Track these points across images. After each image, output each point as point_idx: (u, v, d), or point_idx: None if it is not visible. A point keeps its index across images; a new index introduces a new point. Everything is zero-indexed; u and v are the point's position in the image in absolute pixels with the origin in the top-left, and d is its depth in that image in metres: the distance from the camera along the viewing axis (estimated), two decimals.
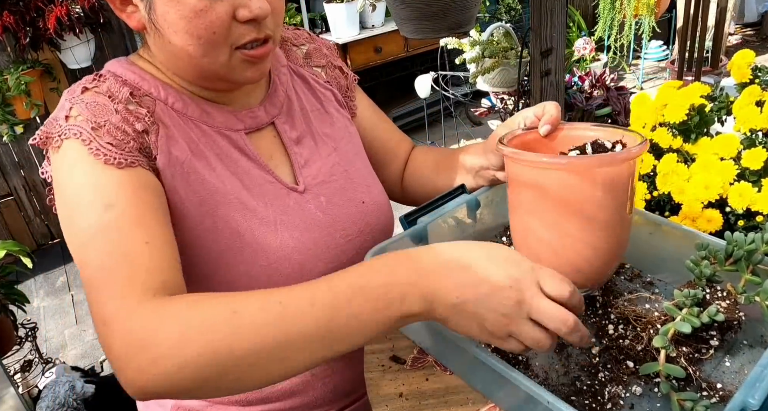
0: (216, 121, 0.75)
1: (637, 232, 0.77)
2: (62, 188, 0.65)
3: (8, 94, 2.70)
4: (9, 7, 2.52)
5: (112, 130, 0.66)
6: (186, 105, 0.74)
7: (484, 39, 1.72)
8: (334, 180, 0.82)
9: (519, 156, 0.63)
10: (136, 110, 0.69)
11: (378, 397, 0.65)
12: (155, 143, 0.69)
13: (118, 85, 0.71)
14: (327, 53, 0.93)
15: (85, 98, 0.68)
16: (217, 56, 0.68)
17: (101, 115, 0.67)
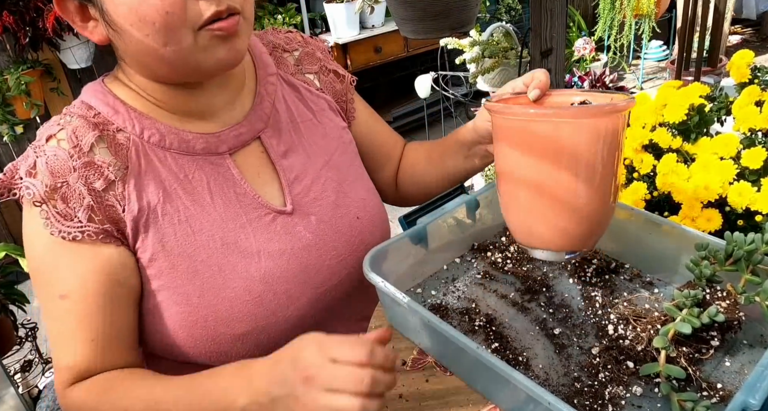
0: (197, 149, 0.72)
1: (637, 232, 0.78)
2: (27, 247, 0.69)
3: (8, 94, 2.70)
4: (9, 7, 2.52)
5: (67, 194, 0.66)
6: (162, 136, 0.71)
7: (484, 39, 1.72)
8: (326, 196, 0.79)
9: (505, 109, 0.62)
10: (100, 160, 0.67)
11: None
12: (122, 194, 0.68)
13: (85, 126, 0.68)
14: (320, 57, 0.89)
15: (47, 150, 0.67)
16: (179, 41, 0.63)
17: (59, 173, 0.66)
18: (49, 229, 0.66)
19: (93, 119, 0.70)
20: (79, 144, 0.67)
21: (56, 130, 0.69)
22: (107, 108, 0.70)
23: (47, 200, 0.66)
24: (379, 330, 0.57)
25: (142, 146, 0.70)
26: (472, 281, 0.79)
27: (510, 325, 0.71)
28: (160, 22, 0.61)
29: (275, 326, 0.73)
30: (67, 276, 0.67)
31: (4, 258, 2.05)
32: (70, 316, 0.67)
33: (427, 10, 1.25)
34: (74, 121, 0.69)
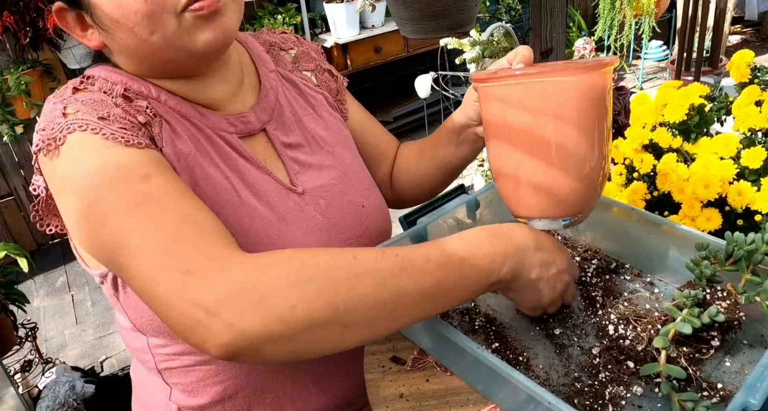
0: (209, 122, 0.73)
1: (637, 232, 0.78)
2: (74, 179, 0.58)
3: (8, 94, 2.71)
4: (9, 7, 2.52)
5: (119, 118, 0.63)
6: (180, 103, 0.71)
7: (484, 39, 1.72)
8: (332, 184, 0.80)
9: (491, 76, 0.62)
10: (135, 104, 0.67)
11: (378, 398, 0.65)
12: (159, 135, 0.67)
13: (109, 84, 0.68)
14: (315, 57, 0.91)
15: (78, 97, 0.65)
16: (164, 26, 0.62)
17: (102, 108, 0.63)
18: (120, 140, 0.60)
19: (113, 81, 0.69)
20: (111, 92, 0.67)
21: (82, 86, 0.67)
22: (122, 77, 0.70)
23: (104, 126, 0.61)
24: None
25: (162, 107, 0.70)
26: None
27: (510, 326, 0.71)
28: (141, 10, 0.61)
29: None
30: (140, 162, 0.59)
31: (4, 258, 2.05)
32: (165, 187, 0.57)
33: (426, 10, 1.25)
34: (96, 81, 0.68)
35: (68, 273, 3.04)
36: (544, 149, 0.61)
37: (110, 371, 2.29)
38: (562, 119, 0.60)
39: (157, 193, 0.56)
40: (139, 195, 0.56)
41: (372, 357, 0.70)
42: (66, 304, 2.82)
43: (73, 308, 2.78)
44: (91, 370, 2.21)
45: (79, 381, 1.95)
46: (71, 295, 2.88)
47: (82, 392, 1.91)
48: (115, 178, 0.57)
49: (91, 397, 1.92)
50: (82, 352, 2.47)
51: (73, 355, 2.46)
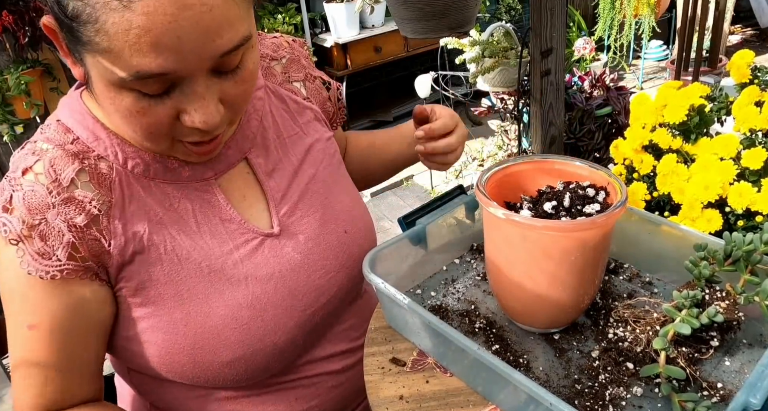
0: (182, 176, 0.70)
1: (636, 232, 0.78)
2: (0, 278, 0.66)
3: (8, 94, 2.71)
4: (8, 7, 2.53)
5: (45, 231, 0.62)
6: (147, 166, 0.68)
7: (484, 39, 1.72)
8: (312, 213, 0.78)
9: (492, 209, 0.62)
10: (81, 196, 0.64)
11: (378, 399, 0.65)
12: (107, 228, 0.65)
13: (64, 158, 0.64)
14: (305, 64, 0.87)
15: (24, 184, 0.63)
16: (157, 144, 0.63)
17: (37, 210, 0.62)
18: (26, 268, 0.62)
19: (72, 146, 0.65)
20: (58, 178, 0.63)
21: (32, 162, 0.64)
22: (87, 132, 0.66)
23: (24, 238, 0.62)
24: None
25: (125, 176, 0.67)
26: (472, 282, 0.79)
27: (510, 328, 0.71)
28: (141, 133, 0.60)
29: (263, 352, 0.72)
30: (35, 309, 0.65)
31: None
32: (37, 344, 0.66)
33: (426, 10, 1.25)
34: (51, 151, 0.64)
35: None
36: (540, 285, 0.64)
37: (109, 371, 2.28)
38: (560, 264, 0.62)
39: (32, 345, 0.66)
40: (21, 338, 0.66)
41: (372, 358, 0.70)
42: None
43: None
44: None
45: None
46: None
47: None
48: (14, 311, 0.66)
49: None
50: None
51: None
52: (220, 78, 0.59)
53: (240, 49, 0.57)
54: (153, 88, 0.55)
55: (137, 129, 0.59)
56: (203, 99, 0.58)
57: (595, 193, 0.66)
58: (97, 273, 0.66)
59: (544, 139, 1.41)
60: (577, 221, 0.60)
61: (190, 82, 0.56)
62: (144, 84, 0.55)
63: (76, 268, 0.64)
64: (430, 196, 3.27)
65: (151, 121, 0.58)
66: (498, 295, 0.71)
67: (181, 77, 0.55)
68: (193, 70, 0.55)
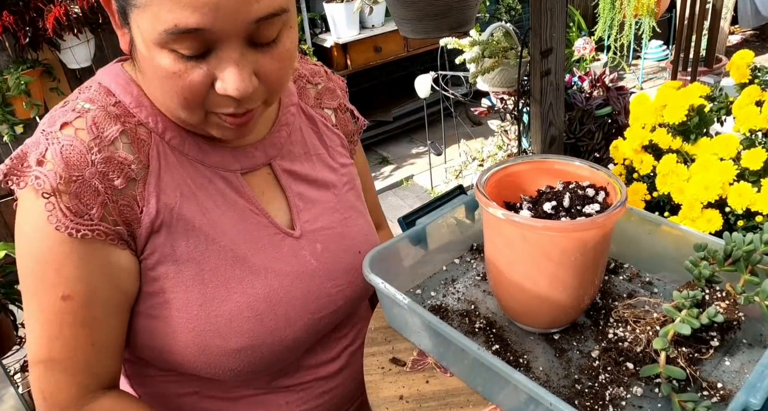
0: (212, 160, 0.71)
1: (636, 232, 0.78)
2: (22, 241, 0.64)
3: (8, 94, 2.70)
4: (9, 7, 2.53)
5: (81, 190, 0.61)
6: (183, 141, 0.69)
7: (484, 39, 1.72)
8: (332, 227, 0.79)
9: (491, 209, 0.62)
10: (121, 156, 0.64)
11: (378, 399, 0.65)
12: (142, 194, 0.65)
13: (106, 116, 0.64)
14: (340, 95, 0.88)
15: (62, 138, 0.62)
16: (191, 114, 0.63)
17: (74, 166, 0.61)
18: (54, 224, 0.60)
19: (114, 108, 0.65)
20: (100, 135, 0.63)
21: (72, 117, 0.63)
22: (130, 98, 0.67)
23: (57, 193, 0.60)
24: None
25: (163, 146, 0.68)
26: (472, 282, 0.79)
27: (510, 328, 0.71)
28: (177, 99, 0.61)
29: (269, 347, 0.72)
30: (72, 276, 0.62)
31: (4, 258, 2.04)
32: (72, 318, 0.63)
33: (426, 10, 1.25)
34: (93, 110, 0.64)
35: None
36: (540, 285, 0.64)
37: None
38: (560, 264, 0.62)
39: (65, 319, 0.64)
40: (51, 312, 0.64)
41: (372, 358, 0.70)
42: None
43: None
44: None
45: None
46: None
47: None
48: (43, 282, 0.63)
49: None
50: None
51: None
52: (256, 50, 0.60)
53: (276, 20, 0.58)
54: (190, 48, 0.56)
55: (174, 95, 0.60)
56: (237, 66, 0.58)
57: (595, 193, 0.66)
58: (126, 240, 0.65)
59: (544, 139, 1.41)
60: (577, 221, 0.60)
61: (226, 47, 0.57)
62: (181, 42, 0.56)
63: (107, 231, 0.63)
64: (430, 196, 3.27)
65: (186, 84, 0.58)
66: (498, 295, 0.71)
67: (217, 39, 0.56)
68: (229, 31, 0.56)
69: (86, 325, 0.65)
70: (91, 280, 0.64)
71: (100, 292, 0.64)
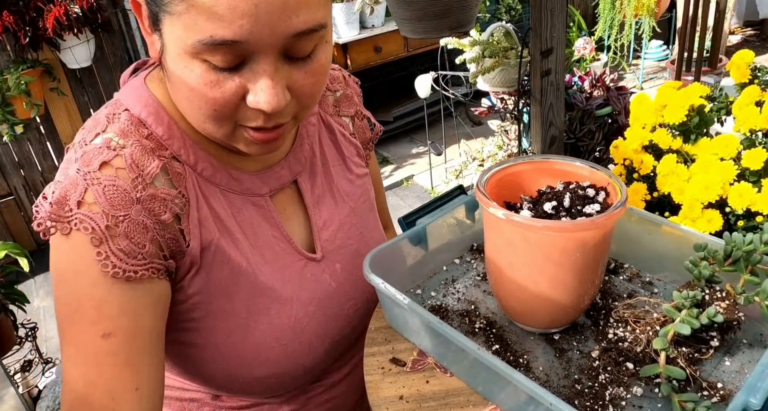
0: (242, 187, 0.69)
1: (636, 232, 0.78)
2: (61, 281, 0.60)
3: (8, 94, 2.71)
4: (9, 7, 2.53)
5: (130, 228, 0.59)
6: (215, 171, 0.67)
7: (484, 39, 1.72)
8: (349, 244, 0.79)
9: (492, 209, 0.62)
10: (164, 193, 0.62)
11: (378, 399, 0.65)
12: (187, 228, 0.63)
13: (146, 154, 0.62)
14: (357, 102, 0.87)
15: (102, 179, 0.59)
16: (219, 127, 0.60)
17: (120, 205, 0.58)
18: (110, 269, 0.57)
19: (147, 142, 0.63)
20: (141, 174, 0.61)
21: (111, 157, 0.60)
22: (162, 128, 0.64)
23: (107, 237, 0.57)
24: None
25: (196, 178, 0.66)
26: (472, 282, 0.79)
27: (510, 328, 0.71)
28: (206, 110, 0.58)
29: (293, 372, 0.73)
30: (115, 313, 0.58)
31: (4, 258, 2.05)
32: (114, 359, 0.58)
33: (427, 10, 1.25)
34: (130, 146, 0.62)
35: None
36: (540, 285, 0.64)
37: None
38: (559, 264, 0.62)
39: (107, 359, 0.58)
40: (91, 351, 0.58)
41: (372, 358, 0.70)
42: None
43: None
44: None
45: None
46: None
47: None
48: (83, 319, 0.58)
49: None
50: None
51: None
52: (291, 64, 0.57)
53: (314, 35, 0.56)
54: (224, 60, 0.54)
55: (203, 105, 0.57)
56: (271, 80, 0.56)
57: (595, 193, 0.66)
58: (170, 271, 0.64)
59: (544, 139, 1.41)
60: (577, 221, 0.60)
61: (261, 60, 0.55)
62: (216, 53, 0.53)
63: (159, 267, 0.61)
64: (430, 196, 3.27)
65: (218, 96, 0.56)
66: (498, 296, 0.71)
67: (252, 52, 0.54)
68: (266, 45, 0.54)
69: (130, 365, 0.59)
70: (138, 314, 0.60)
71: (149, 325, 0.61)
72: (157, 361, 0.62)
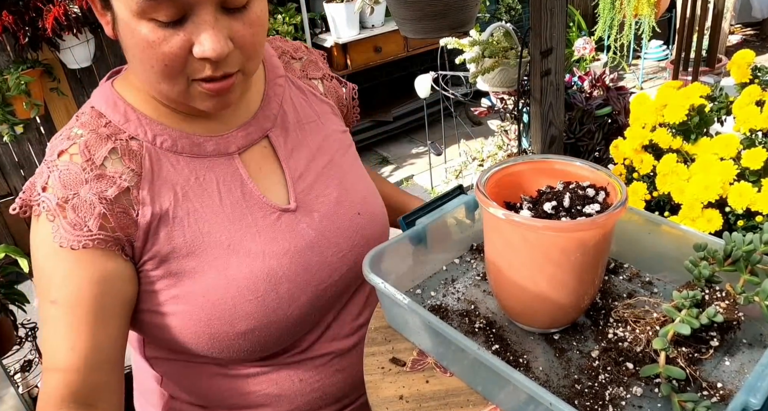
0: (207, 151, 0.74)
1: (636, 231, 0.77)
2: (33, 255, 0.70)
3: (8, 94, 2.70)
4: (8, 7, 2.53)
5: (78, 204, 0.67)
6: (174, 141, 0.73)
7: (484, 39, 1.72)
8: (328, 193, 0.81)
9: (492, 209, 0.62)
10: (112, 171, 0.69)
11: (378, 399, 0.65)
12: (136, 198, 0.70)
13: (98, 140, 0.69)
14: (322, 66, 0.93)
15: (59, 165, 0.68)
16: (173, 85, 0.66)
17: (70, 185, 0.67)
18: (58, 240, 0.66)
19: (104, 129, 0.71)
20: (92, 158, 0.69)
21: (68, 145, 0.69)
22: (118, 115, 0.72)
23: (59, 213, 0.66)
24: None
25: (155, 152, 0.72)
26: (472, 282, 0.79)
27: (510, 328, 0.71)
28: (158, 68, 0.64)
29: (276, 324, 0.74)
30: (61, 283, 0.67)
31: (4, 258, 2.04)
32: (56, 321, 0.66)
33: (426, 10, 1.25)
34: (86, 135, 0.70)
35: None
36: (539, 284, 0.64)
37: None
38: (559, 264, 0.62)
39: (51, 322, 0.67)
40: (43, 315, 0.68)
41: (372, 358, 0.70)
42: None
43: None
44: None
45: None
46: None
47: None
48: (39, 287, 0.69)
49: None
50: None
51: None
52: (230, 16, 0.64)
53: None
54: (167, 14, 0.60)
55: (155, 63, 0.63)
56: (212, 28, 0.62)
57: (595, 193, 0.66)
58: (123, 247, 0.69)
59: (544, 139, 1.41)
60: (577, 221, 0.60)
61: (201, 11, 0.62)
62: (158, 9, 0.60)
63: (106, 238, 0.67)
64: (430, 196, 3.27)
65: (166, 50, 0.62)
66: (498, 295, 0.71)
67: (192, 4, 0.61)
68: None
69: (69, 329, 0.66)
70: (79, 286, 0.67)
71: (87, 298, 0.67)
72: (98, 332, 0.67)
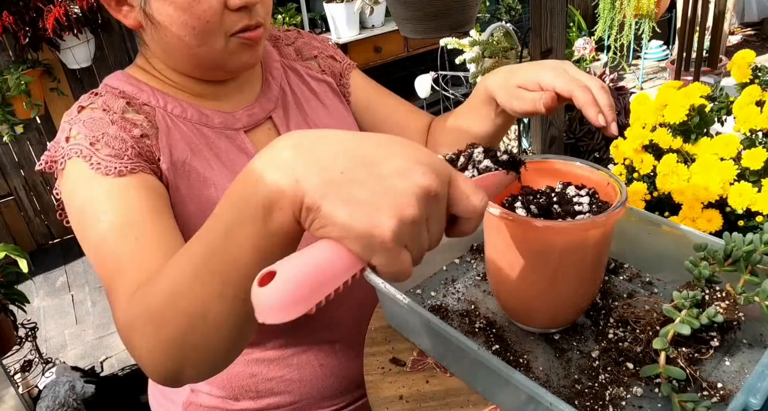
0: (214, 122, 0.78)
1: (636, 232, 0.77)
2: (70, 206, 0.69)
3: (8, 94, 2.70)
4: (9, 7, 2.52)
5: (110, 141, 0.69)
6: (184, 109, 0.77)
7: (484, 39, 1.72)
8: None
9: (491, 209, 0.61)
10: (132, 118, 0.73)
11: (378, 399, 0.65)
12: (156, 146, 0.73)
13: (114, 98, 0.74)
14: (318, 45, 0.95)
15: (82, 117, 0.71)
16: (213, 44, 0.71)
17: (98, 128, 0.69)
18: (103, 170, 0.66)
19: (119, 95, 0.75)
20: (112, 108, 0.72)
21: (87, 103, 0.73)
22: (131, 87, 0.76)
23: (93, 152, 0.67)
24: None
25: (167, 116, 0.75)
26: (472, 282, 0.79)
27: (510, 328, 0.71)
28: (200, 27, 0.69)
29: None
30: (105, 200, 0.66)
31: (4, 258, 2.05)
32: (112, 225, 0.64)
33: (427, 10, 1.25)
34: (103, 96, 0.74)
35: (68, 273, 3.04)
36: (541, 283, 0.64)
37: (110, 371, 2.28)
38: (562, 262, 0.62)
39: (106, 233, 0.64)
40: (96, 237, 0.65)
41: (372, 358, 0.70)
42: (66, 304, 2.82)
43: (73, 308, 2.78)
44: (91, 370, 2.21)
45: (79, 381, 1.95)
46: (71, 295, 2.88)
47: (82, 392, 1.91)
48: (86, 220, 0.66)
49: (91, 397, 1.92)
50: (82, 352, 2.47)
51: (73, 355, 2.46)
52: None
53: None
54: None
55: (196, 23, 0.68)
56: None
57: (594, 193, 0.66)
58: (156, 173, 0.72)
59: (544, 139, 1.41)
60: (577, 221, 0.60)
61: None
62: None
63: (143, 166, 0.70)
64: None
65: (205, 7, 0.67)
66: (498, 295, 0.71)
67: None
68: None
69: (126, 225, 0.64)
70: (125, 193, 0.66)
71: (135, 196, 0.67)
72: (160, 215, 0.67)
